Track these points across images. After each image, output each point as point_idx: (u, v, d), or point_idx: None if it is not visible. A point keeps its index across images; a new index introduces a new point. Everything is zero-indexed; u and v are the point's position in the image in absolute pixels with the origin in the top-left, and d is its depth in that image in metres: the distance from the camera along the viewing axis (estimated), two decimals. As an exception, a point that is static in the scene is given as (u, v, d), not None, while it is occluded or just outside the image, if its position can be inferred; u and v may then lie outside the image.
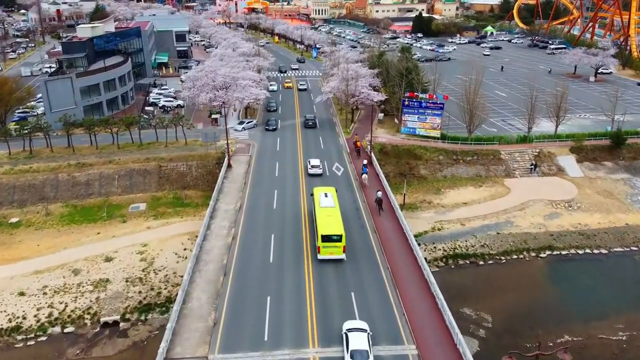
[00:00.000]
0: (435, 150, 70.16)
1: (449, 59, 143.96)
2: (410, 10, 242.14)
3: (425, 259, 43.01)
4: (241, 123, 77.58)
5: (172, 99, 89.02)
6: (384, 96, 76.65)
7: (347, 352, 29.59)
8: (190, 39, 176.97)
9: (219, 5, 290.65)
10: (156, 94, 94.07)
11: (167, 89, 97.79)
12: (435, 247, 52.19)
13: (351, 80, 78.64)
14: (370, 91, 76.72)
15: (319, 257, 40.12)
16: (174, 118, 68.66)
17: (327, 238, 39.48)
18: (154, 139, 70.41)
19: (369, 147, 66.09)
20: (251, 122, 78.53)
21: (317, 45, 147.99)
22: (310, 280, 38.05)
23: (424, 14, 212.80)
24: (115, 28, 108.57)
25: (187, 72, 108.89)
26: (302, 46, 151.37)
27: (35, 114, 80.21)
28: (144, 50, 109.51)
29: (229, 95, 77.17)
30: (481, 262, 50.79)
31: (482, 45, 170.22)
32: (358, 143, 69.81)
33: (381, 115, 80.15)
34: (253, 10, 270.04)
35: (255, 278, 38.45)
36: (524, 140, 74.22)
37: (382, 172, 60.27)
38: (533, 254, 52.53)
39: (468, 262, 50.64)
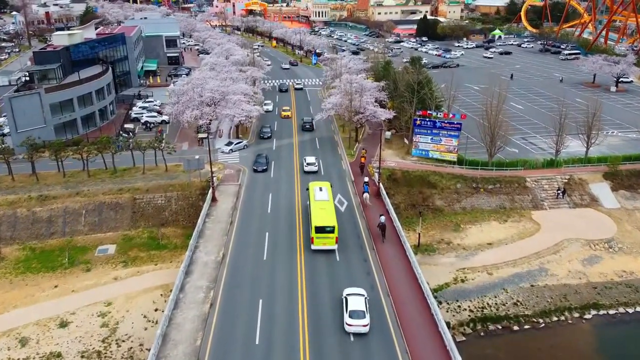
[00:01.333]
0: (452, 177, 61.39)
1: (457, 65, 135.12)
2: (413, 12, 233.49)
3: (448, 324, 34.44)
4: (229, 144, 68.69)
5: (156, 114, 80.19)
6: (392, 114, 67.82)
7: (347, 312, 32.55)
8: (184, 43, 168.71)
9: (216, 6, 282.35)
10: (139, 107, 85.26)
11: (152, 101, 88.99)
12: (459, 307, 43.37)
13: (355, 94, 69.98)
14: (376, 108, 67.89)
15: (313, 247, 42.08)
16: (153, 140, 59.82)
17: (320, 229, 41.50)
18: (131, 164, 61.65)
19: (376, 174, 57.34)
20: (240, 142, 69.60)
21: (317, 51, 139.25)
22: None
23: (428, 17, 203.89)
24: (98, 34, 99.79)
25: (176, 81, 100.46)
26: (301, 51, 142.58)
27: (1, 133, 71.61)
28: (129, 58, 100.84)
29: (218, 112, 68.57)
30: (516, 327, 41.97)
31: (491, 49, 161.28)
32: (363, 159, 62.26)
33: (388, 133, 71.41)
34: (251, 12, 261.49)
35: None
36: (551, 164, 65.42)
37: (393, 204, 51.75)
38: (576, 315, 43.72)
39: (500, 326, 41.83)
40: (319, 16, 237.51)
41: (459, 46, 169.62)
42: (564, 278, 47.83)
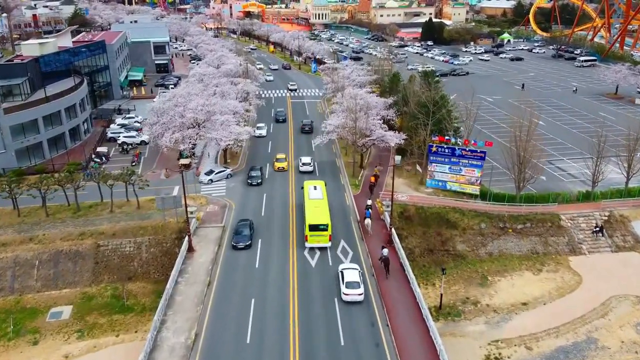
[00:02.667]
0: (475, 214, 52.32)
1: (467, 72, 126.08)
2: (417, 15, 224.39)
3: None
4: (209, 173, 59.20)
5: (135, 134, 71.12)
6: (402, 137, 58.78)
7: (343, 284, 36.47)
8: (176, 47, 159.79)
9: (213, 8, 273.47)
10: (117, 125, 76.24)
11: (133, 117, 79.92)
12: (496, 403, 34.33)
13: (359, 113, 61.05)
14: (385, 131, 58.80)
15: (307, 245, 42.99)
16: (123, 173, 50.73)
17: (314, 227, 42.42)
18: (98, 198, 52.58)
19: (386, 214, 48.34)
20: (223, 171, 59.97)
21: (317, 57, 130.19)
22: None
23: (432, 19, 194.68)
24: (76, 42, 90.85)
25: (164, 92, 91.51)
26: (300, 58, 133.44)
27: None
28: (110, 67, 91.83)
29: (203, 134, 59.59)
30: None
31: (500, 55, 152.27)
32: (373, 178, 55.48)
33: (398, 158, 62.25)
34: (249, 14, 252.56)
35: None
36: (587, 197, 56.40)
37: (406, 249, 43.11)
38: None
39: None
40: (318, 18, 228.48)
41: (466, 51, 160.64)
42: (617, 352, 38.75)
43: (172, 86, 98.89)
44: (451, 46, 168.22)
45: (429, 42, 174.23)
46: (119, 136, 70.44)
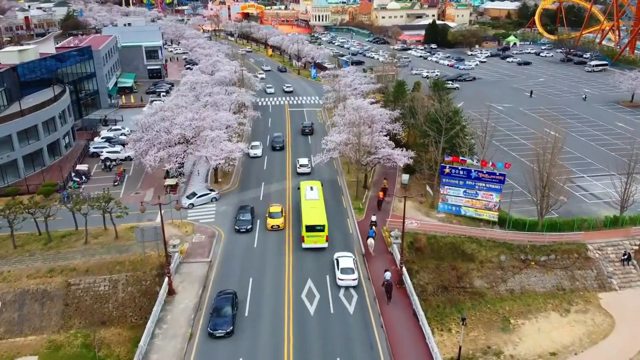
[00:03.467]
0: (494, 244, 46.84)
1: (474, 78, 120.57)
2: (419, 17, 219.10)
3: None
4: (191, 195, 53.40)
5: (120, 148, 65.64)
6: (411, 154, 53.30)
7: (338, 270, 38.77)
8: (171, 51, 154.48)
9: (211, 9, 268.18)
10: (102, 138, 70.80)
11: (119, 129, 74.46)
12: None
13: (364, 127, 55.77)
14: (392, 149, 53.26)
15: (304, 245, 42.88)
16: (98, 200, 45.26)
17: (311, 228, 42.39)
18: (72, 225, 47.13)
19: (394, 246, 42.95)
20: (207, 194, 53.60)
21: (318, 61, 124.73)
22: None
23: (436, 21, 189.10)
24: (61, 48, 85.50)
25: (155, 100, 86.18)
26: (299, 63, 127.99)
27: None
28: (96, 75, 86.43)
29: (191, 152, 54.15)
30: None
31: (508, 59, 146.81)
32: (381, 193, 52.24)
33: (405, 177, 56.90)
34: (247, 15, 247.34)
35: None
36: (614, 223, 50.88)
37: (417, 286, 38.11)
38: None
39: None
40: (318, 20, 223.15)
41: (472, 55, 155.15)
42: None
43: (164, 93, 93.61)
44: (455, 49, 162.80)
45: (433, 45, 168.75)
46: (102, 151, 64.98)
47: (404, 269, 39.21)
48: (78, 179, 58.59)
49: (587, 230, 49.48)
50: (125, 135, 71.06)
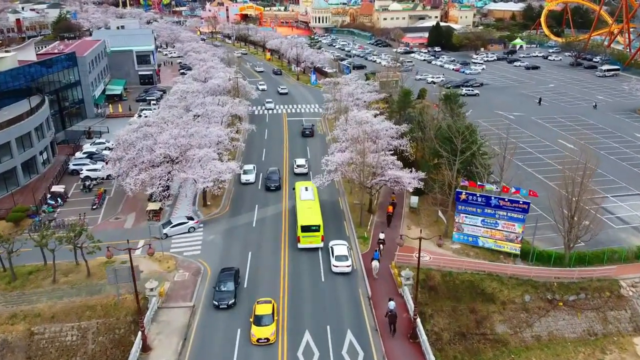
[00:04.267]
0: (517, 282, 41.37)
1: (482, 84, 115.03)
2: (422, 18, 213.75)
3: None
4: (167, 224, 47.38)
5: (102, 165, 59.91)
6: (421, 175, 47.82)
7: (333, 257, 40.64)
8: (165, 54, 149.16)
9: (209, 11, 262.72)
10: (84, 153, 65.35)
11: (103, 142, 69.01)
12: None
13: (368, 142, 50.40)
14: (400, 172, 47.75)
15: (299, 246, 43.04)
16: (68, 231, 39.78)
17: (306, 228, 42.69)
18: (41, 259, 41.66)
19: (405, 288, 37.53)
20: (185, 223, 47.16)
21: (317, 65, 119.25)
22: None
23: (440, 23, 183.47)
24: (42, 55, 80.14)
25: (144, 110, 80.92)
26: (298, 68, 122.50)
27: None
28: (81, 83, 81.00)
29: (176, 173, 48.71)
30: None
31: (516, 63, 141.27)
32: (390, 207, 49.19)
33: (414, 199, 51.41)
34: (246, 17, 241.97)
35: None
36: (647, 253, 45.45)
37: (431, 333, 33.03)
38: None
39: None
40: (319, 22, 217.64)
41: (477, 58, 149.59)
42: None
43: (155, 101, 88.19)
44: (460, 52, 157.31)
45: (437, 48, 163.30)
46: (82, 169, 59.51)
47: (418, 320, 33.69)
48: (53, 202, 53.15)
49: (618, 263, 44.08)
50: (110, 149, 65.58)
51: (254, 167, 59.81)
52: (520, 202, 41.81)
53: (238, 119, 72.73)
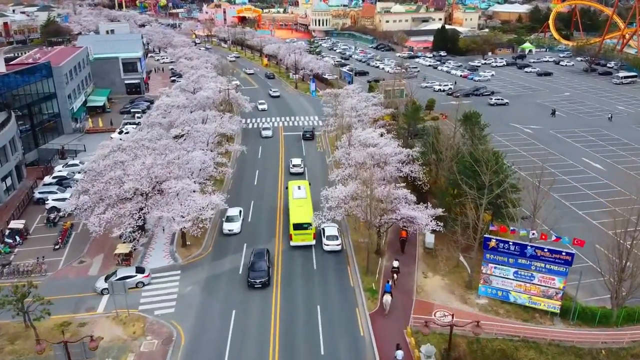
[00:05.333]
0: (557, 350, 33.82)
1: (492, 92, 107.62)
2: (425, 21, 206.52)
3: None
4: (110, 276, 39.12)
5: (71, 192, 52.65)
6: (439, 212, 40.43)
7: (324, 237, 43.46)
8: (157, 60, 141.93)
9: (206, 13, 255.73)
10: (53, 177, 57.94)
11: (77, 164, 61.57)
12: None
13: (374, 168, 43.14)
14: (415, 210, 40.28)
15: (292, 243, 43.67)
16: (9, 293, 32.38)
17: (298, 226, 43.29)
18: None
19: (424, 364, 30.12)
20: (131, 277, 38.83)
21: (317, 72, 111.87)
22: None
23: (445, 26, 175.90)
24: (13, 65, 72.76)
25: (128, 125, 73.78)
26: (297, 75, 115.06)
27: None
28: (57, 95, 73.63)
29: (151, 208, 41.33)
30: None
31: (526, 69, 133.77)
32: (404, 232, 42.97)
33: (430, 238, 43.95)
34: (244, 19, 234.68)
35: None
36: None
37: None
38: None
39: None
40: (318, 25, 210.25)
41: (486, 63, 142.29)
42: None
43: (140, 114, 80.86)
44: (466, 57, 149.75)
45: (442, 53, 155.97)
46: (49, 198, 52.12)
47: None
48: (11, 241, 45.76)
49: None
50: (81, 171, 58.17)
51: (239, 212, 48.79)
52: (563, 253, 34.33)
53: (227, 138, 65.35)
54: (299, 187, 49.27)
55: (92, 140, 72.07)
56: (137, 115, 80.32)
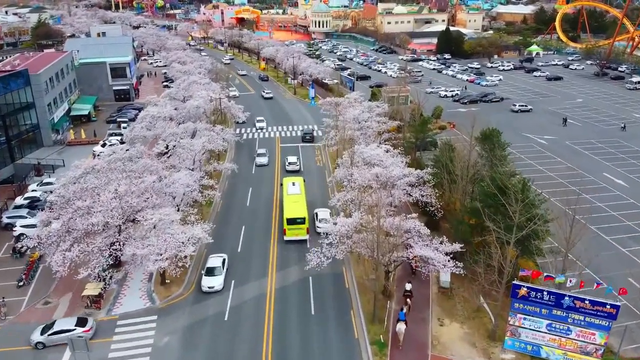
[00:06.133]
0: None
1: (502, 98, 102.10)
2: (428, 22, 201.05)
3: None
4: (45, 329, 33.24)
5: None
6: (457, 247, 34.89)
7: (317, 220, 46.35)
8: (151, 64, 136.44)
9: (203, 14, 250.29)
10: (25, 199, 52.38)
11: (53, 182, 55.88)
12: None
13: (383, 190, 37.64)
14: (431, 249, 34.64)
15: (285, 238, 44.78)
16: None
17: (292, 221, 44.49)
18: None
19: None
20: (70, 331, 32.68)
21: (317, 76, 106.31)
22: None
23: (449, 28, 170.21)
24: (-12, 71, 67.25)
25: (113, 135, 68.52)
26: (295, 81, 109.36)
27: None
28: (36, 105, 68.10)
29: (121, 245, 35.79)
30: None
31: (535, 73, 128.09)
32: (416, 260, 36.71)
33: (446, 277, 38.29)
34: (242, 20, 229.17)
35: None
36: None
37: None
38: None
39: None
40: (318, 26, 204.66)
41: (492, 67, 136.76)
42: None
43: (126, 124, 75.33)
44: (472, 60, 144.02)
45: (446, 56, 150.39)
46: (16, 224, 46.57)
47: None
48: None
49: None
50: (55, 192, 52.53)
51: (223, 260, 40.54)
52: (607, 306, 28.79)
53: (217, 155, 59.85)
54: (294, 184, 50.62)
55: (73, 153, 66.66)
56: (122, 125, 74.72)
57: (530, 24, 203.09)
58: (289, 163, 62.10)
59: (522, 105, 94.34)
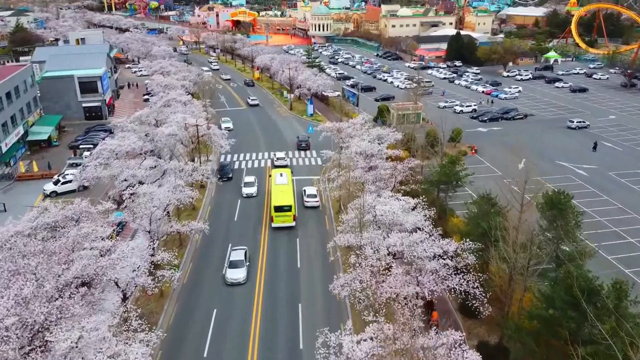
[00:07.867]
0: None
1: (526, 115, 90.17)
2: (435, 25, 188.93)
3: None
4: None
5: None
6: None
7: (305, 195, 52.07)
8: (134, 72, 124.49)
9: (198, 16, 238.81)
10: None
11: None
12: None
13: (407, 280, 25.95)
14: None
15: (273, 225, 47.05)
16: None
17: (279, 208, 46.69)
18: None
19: None
20: None
21: (316, 90, 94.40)
22: None
23: (455, 31, 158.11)
24: None
25: (69, 172, 57.14)
26: (292, 95, 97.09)
27: None
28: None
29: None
30: None
31: (557, 84, 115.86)
32: (435, 315, 32.80)
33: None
34: (238, 23, 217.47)
35: None
36: None
37: None
38: None
39: None
40: (318, 30, 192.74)
41: (508, 76, 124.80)
42: None
43: (88, 151, 63.41)
44: (484, 68, 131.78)
45: (457, 63, 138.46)
46: None
47: None
48: None
49: None
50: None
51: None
52: None
53: (192, 207, 47.89)
54: (281, 175, 52.84)
55: (20, 192, 55.22)
56: (85, 153, 62.70)
57: (542, 27, 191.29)
58: (277, 158, 64.09)
59: (580, 122, 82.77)
